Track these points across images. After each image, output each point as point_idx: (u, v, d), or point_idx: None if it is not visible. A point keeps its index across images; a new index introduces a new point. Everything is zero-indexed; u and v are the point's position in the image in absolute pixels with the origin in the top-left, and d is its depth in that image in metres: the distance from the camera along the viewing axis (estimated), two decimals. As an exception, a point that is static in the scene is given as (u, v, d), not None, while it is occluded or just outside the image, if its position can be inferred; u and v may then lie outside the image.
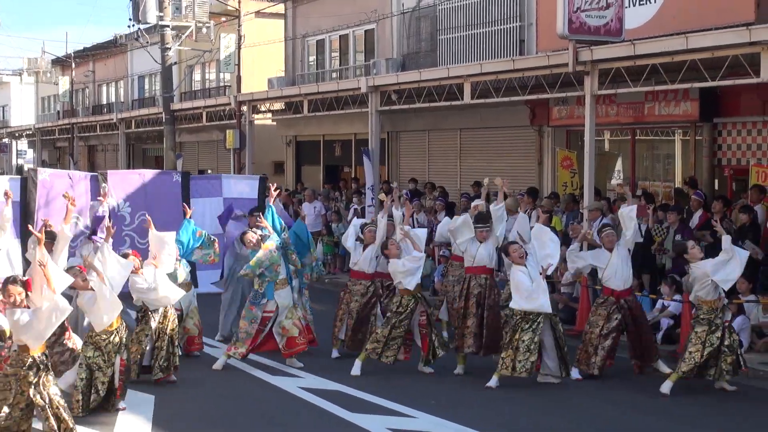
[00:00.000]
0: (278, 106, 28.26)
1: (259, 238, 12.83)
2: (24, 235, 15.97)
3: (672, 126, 18.71)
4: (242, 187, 18.98)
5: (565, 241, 16.18)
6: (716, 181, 17.82)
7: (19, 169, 57.66)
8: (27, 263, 15.88)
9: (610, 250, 12.53)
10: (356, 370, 12.43)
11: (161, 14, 29.12)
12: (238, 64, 30.49)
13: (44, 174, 17.33)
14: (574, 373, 12.21)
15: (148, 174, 18.97)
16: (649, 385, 11.79)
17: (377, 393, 11.40)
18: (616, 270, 12.43)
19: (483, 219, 12.70)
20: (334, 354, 13.43)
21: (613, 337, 12.32)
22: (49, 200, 16.96)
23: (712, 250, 14.80)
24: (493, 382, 11.71)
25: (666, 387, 11.49)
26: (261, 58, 32.80)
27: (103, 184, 17.27)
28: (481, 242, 12.57)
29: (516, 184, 20.75)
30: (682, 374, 11.46)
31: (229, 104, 28.45)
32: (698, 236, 14.86)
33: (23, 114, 63.86)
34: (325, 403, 11.00)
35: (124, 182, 17.95)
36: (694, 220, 15.43)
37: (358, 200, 22.77)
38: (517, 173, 21.78)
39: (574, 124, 19.71)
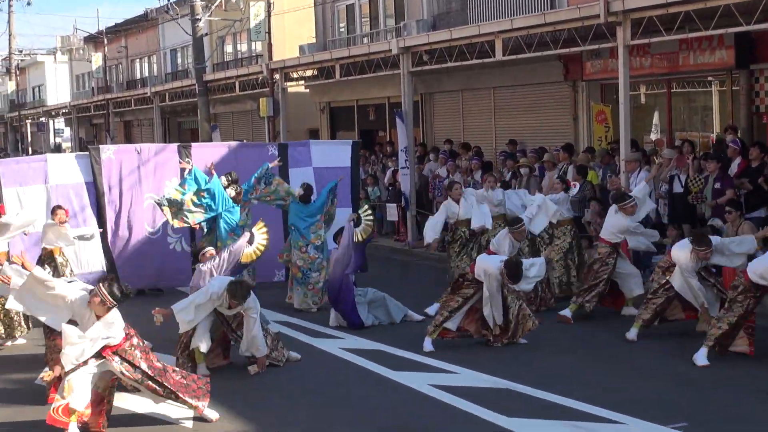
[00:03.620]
0: (310, 72, 28.20)
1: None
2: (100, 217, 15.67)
3: (708, 75, 18.45)
4: (333, 154, 17.21)
5: (603, 195, 16.10)
6: (754, 129, 17.59)
7: (58, 147, 58.20)
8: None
9: None
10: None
11: (190, -15, 29.18)
12: (269, 32, 30.38)
13: (108, 152, 15.96)
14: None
15: (239, 147, 17.24)
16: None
17: (417, 351, 11.45)
18: None
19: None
20: None
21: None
22: (120, 180, 15.88)
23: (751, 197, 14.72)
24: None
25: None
26: (291, 26, 32.77)
27: (187, 159, 15.56)
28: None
29: (551, 140, 20.64)
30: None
31: (262, 72, 28.46)
32: (737, 184, 14.71)
33: (59, 92, 64.33)
34: (368, 363, 11.08)
35: (211, 156, 15.86)
36: (733, 168, 15.25)
37: (394, 163, 22.73)
38: (553, 129, 21.65)
39: (608, 77, 19.49)
